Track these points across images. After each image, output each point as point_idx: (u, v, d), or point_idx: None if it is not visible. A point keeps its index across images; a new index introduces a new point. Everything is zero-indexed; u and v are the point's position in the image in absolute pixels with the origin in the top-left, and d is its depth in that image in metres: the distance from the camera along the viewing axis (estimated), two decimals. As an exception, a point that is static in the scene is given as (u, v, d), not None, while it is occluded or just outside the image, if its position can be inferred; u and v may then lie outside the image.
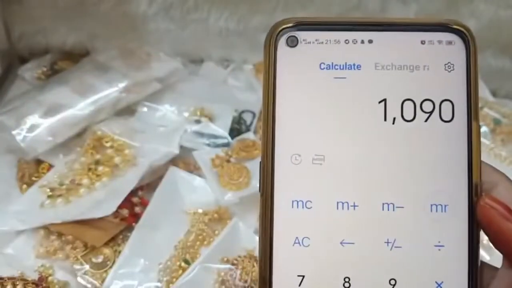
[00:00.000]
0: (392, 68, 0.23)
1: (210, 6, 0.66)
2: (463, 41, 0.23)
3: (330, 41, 0.23)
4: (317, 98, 0.23)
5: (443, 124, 0.23)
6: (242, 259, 0.47)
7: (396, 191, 0.22)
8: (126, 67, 0.64)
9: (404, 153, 0.23)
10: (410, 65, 0.23)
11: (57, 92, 0.60)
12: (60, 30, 0.69)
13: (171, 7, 0.66)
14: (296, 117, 0.23)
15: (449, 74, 0.23)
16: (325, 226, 0.23)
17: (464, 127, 0.22)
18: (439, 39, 0.23)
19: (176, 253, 0.49)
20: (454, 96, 0.23)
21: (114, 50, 0.66)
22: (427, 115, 0.23)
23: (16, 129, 0.55)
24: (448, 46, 0.23)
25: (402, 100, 0.23)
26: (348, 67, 0.23)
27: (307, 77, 0.23)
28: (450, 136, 0.22)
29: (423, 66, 0.23)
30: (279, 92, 0.23)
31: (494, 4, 0.64)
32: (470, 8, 0.64)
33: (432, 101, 0.23)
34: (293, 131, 0.23)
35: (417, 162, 0.22)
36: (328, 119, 0.23)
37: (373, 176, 0.23)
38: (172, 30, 0.68)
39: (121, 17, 0.67)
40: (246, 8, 0.66)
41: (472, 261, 0.22)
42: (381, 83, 0.23)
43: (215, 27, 0.67)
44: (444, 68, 0.23)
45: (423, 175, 0.22)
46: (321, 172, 0.23)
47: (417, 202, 0.22)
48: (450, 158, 0.22)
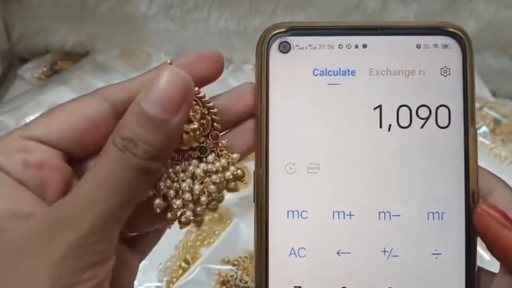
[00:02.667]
0: (387, 74, 0.23)
1: (210, 6, 0.66)
2: (459, 44, 0.22)
3: (323, 46, 0.23)
4: (311, 105, 0.23)
5: (439, 130, 0.22)
6: (243, 260, 0.47)
7: (393, 199, 0.22)
8: (126, 67, 0.64)
9: (400, 160, 0.22)
10: (405, 70, 0.23)
11: (57, 92, 0.60)
12: (60, 30, 0.69)
13: (171, 7, 0.66)
14: (290, 125, 0.23)
15: (445, 78, 0.22)
16: (321, 236, 0.22)
17: (460, 133, 0.22)
18: (434, 43, 0.22)
19: (176, 253, 0.49)
20: (451, 101, 0.22)
21: (114, 50, 0.66)
22: (423, 121, 0.22)
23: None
24: (444, 50, 0.22)
25: (398, 106, 0.22)
26: (342, 73, 0.23)
27: (300, 83, 0.23)
28: (447, 142, 0.22)
29: (419, 71, 0.22)
30: (272, 100, 0.23)
31: (494, 4, 0.64)
32: (470, 8, 0.64)
33: (428, 107, 0.22)
34: (287, 139, 0.23)
35: (413, 169, 0.22)
36: (322, 126, 0.23)
37: (369, 184, 0.22)
38: (172, 30, 0.68)
39: (121, 17, 0.67)
40: (246, 8, 0.66)
41: (470, 268, 0.22)
42: (376, 89, 0.22)
43: (215, 27, 0.67)
44: (440, 72, 0.22)
45: (419, 182, 0.22)
46: (316, 181, 0.22)
47: (413, 210, 0.22)
48: (447, 165, 0.22)
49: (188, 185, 0.26)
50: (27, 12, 0.67)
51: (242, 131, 0.26)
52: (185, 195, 0.25)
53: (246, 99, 0.26)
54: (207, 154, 0.26)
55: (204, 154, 0.26)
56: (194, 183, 0.26)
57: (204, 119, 0.26)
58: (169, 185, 0.25)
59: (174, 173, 0.26)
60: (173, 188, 0.25)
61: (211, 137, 0.26)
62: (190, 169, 0.26)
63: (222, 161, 0.26)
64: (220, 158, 0.26)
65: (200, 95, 0.26)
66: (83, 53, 0.70)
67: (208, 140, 0.26)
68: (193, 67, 0.25)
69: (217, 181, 0.26)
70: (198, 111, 0.26)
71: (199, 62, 0.26)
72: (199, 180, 0.26)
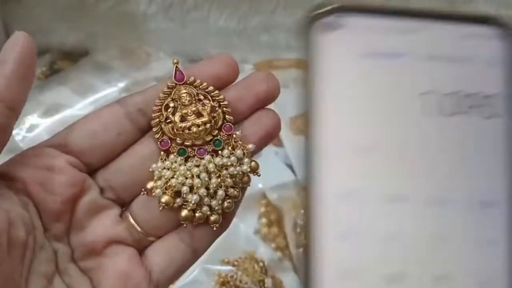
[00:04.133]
0: (437, 60, 0.22)
1: (210, 6, 0.66)
2: (508, 36, 0.22)
3: (374, 28, 0.22)
4: (361, 87, 0.22)
5: (492, 118, 0.22)
6: (242, 260, 0.47)
7: (446, 185, 0.22)
8: (126, 67, 0.63)
9: (450, 146, 0.22)
10: (456, 57, 0.22)
11: (57, 92, 0.60)
12: (60, 29, 0.69)
13: (170, 6, 0.66)
14: (340, 106, 0.22)
15: (495, 68, 0.22)
16: (372, 219, 0.22)
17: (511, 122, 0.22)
18: (484, 33, 0.22)
19: (176, 254, 0.48)
20: (498, 90, 0.22)
21: (113, 50, 0.66)
22: (474, 109, 0.22)
23: (15, 129, 0.55)
24: (493, 40, 0.22)
25: (447, 93, 0.22)
26: (393, 56, 0.22)
27: (348, 65, 0.22)
28: (498, 131, 0.22)
29: (469, 59, 0.22)
30: (321, 82, 0.22)
31: (494, 4, 0.63)
32: (470, 8, 0.64)
33: (477, 95, 0.22)
34: (337, 121, 0.22)
35: (465, 156, 0.22)
36: (373, 109, 0.22)
37: (422, 169, 0.22)
38: (171, 29, 0.68)
39: (120, 16, 0.66)
40: (246, 7, 0.66)
41: None
42: (425, 74, 0.22)
43: (215, 27, 0.67)
44: (489, 61, 0.22)
45: (472, 169, 0.22)
46: (368, 163, 0.22)
47: (466, 197, 0.22)
48: (498, 153, 0.22)
49: (203, 179, 0.25)
50: (26, 11, 0.67)
51: (255, 122, 0.26)
52: (200, 190, 0.25)
53: (258, 89, 0.26)
54: (221, 147, 0.26)
55: (219, 147, 0.26)
56: (210, 177, 0.25)
57: (215, 112, 0.26)
58: (181, 181, 0.25)
59: (187, 169, 0.26)
60: (187, 184, 0.25)
61: (225, 130, 0.26)
62: (203, 163, 0.26)
63: (238, 152, 0.26)
64: (236, 150, 0.26)
65: (208, 89, 0.26)
66: (82, 53, 0.70)
67: (221, 133, 0.26)
68: (205, 66, 0.26)
69: (234, 173, 0.25)
70: (207, 105, 0.26)
71: (211, 62, 0.27)
72: (216, 173, 0.25)
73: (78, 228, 0.25)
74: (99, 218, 0.26)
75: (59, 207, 0.25)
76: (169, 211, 0.26)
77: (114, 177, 0.26)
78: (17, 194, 0.24)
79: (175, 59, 0.27)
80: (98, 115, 0.26)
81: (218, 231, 0.27)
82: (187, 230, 0.26)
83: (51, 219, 0.25)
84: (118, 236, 0.26)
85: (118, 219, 0.26)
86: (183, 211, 0.25)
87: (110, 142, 0.26)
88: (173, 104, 0.26)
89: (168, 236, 0.27)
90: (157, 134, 0.26)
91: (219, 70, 0.26)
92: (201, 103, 0.26)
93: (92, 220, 0.26)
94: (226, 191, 0.26)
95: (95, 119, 0.26)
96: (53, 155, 0.25)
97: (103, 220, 0.26)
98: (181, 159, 0.26)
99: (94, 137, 0.26)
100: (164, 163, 0.26)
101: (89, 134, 0.26)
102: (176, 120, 0.26)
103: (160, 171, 0.26)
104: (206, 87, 0.26)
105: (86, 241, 0.25)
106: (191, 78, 0.27)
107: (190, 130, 0.26)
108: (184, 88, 0.26)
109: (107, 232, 0.26)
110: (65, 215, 0.25)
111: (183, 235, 0.26)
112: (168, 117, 0.26)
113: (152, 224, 0.26)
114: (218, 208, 0.26)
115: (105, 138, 0.26)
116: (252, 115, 0.26)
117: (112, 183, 0.26)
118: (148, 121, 0.26)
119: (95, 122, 0.26)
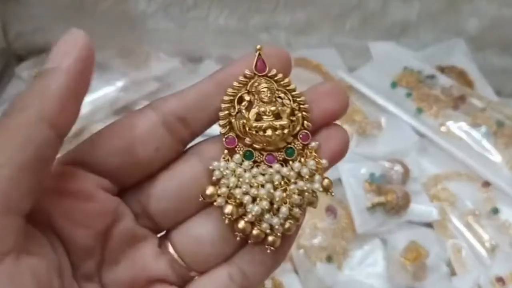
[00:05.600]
0: None
1: (209, 5, 0.66)
2: None
3: None
4: None
5: None
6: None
7: None
8: (125, 66, 0.63)
9: None
10: None
11: (55, 91, 0.59)
12: (58, 28, 0.68)
13: (170, 5, 0.66)
14: None
15: None
16: None
17: None
18: None
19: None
20: None
21: (112, 49, 0.66)
22: None
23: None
24: None
25: None
26: None
27: None
28: None
29: None
30: None
31: (496, 2, 0.63)
32: (472, 6, 0.64)
33: None
34: None
35: None
36: None
37: None
38: (171, 28, 0.67)
39: (119, 15, 0.66)
40: (246, 6, 0.65)
41: None
42: None
43: (214, 26, 0.67)
44: None
45: None
46: None
47: None
48: None
49: (268, 191, 0.22)
50: (24, 10, 0.67)
51: (328, 137, 0.23)
52: (263, 202, 0.22)
53: (326, 105, 0.23)
54: (294, 157, 0.22)
55: (291, 157, 0.22)
56: (275, 189, 0.22)
57: (294, 115, 0.22)
58: (246, 190, 0.22)
59: (252, 176, 0.22)
60: (251, 194, 0.22)
61: (301, 138, 0.23)
62: (270, 172, 0.22)
63: (311, 163, 0.22)
64: (307, 161, 0.22)
65: (290, 87, 0.23)
66: (81, 52, 0.69)
67: (296, 141, 0.23)
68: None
69: (304, 188, 0.22)
70: (288, 106, 0.23)
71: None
72: (282, 186, 0.22)
73: (112, 264, 0.21)
74: (136, 250, 0.22)
75: (90, 242, 0.20)
76: (227, 233, 0.22)
77: (154, 203, 0.22)
78: (42, 231, 0.20)
79: (259, 46, 0.23)
80: (131, 125, 0.22)
81: (273, 264, 0.23)
82: (236, 265, 0.22)
83: (81, 257, 0.21)
84: (161, 273, 0.22)
85: (158, 252, 0.22)
86: (240, 222, 0.22)
87: (147, 159, 0.22)
88: (248, 98, 0.23)
89: (215, 272, 0.23)
90: (224, 128, 0.22)
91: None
92: (281, 103, 0.23)
93: (128, 253, 0.22)
94: (290, 209, 0.22)
95: (128, 130, 0.21)
96: (79, 177, 0.21)
97: (141, 253, 0.22)
98: (248, 164, 0.22)
99: (129, 154, 0.21)
100: (228, 164, 0.22)
101: (123, 150, 0.21)
102: (250, 117, 0.22)
103: (222, 172, 0.22)
104: (288, 84, 0.23)
105: (123, 279, 0.21)
106: (273, 71, 0.23)
107: (265, 133, 0.22)
108: (265, 82, 0.23)
109: (148, 268, 0.22)
110: (96, 250, 0.21)
111: (232, 271, 0.23)
112: (240, 111, 0.23)
113: (199, 258, 0.23)
114: (278, 227, 0.22)
115: (141, 154, 0.21)
116: (321, 129, 0.23)
117: (151, 209, 0.22)
118: (190, 132, 0.23)
119: (128, 134, 0.21)
